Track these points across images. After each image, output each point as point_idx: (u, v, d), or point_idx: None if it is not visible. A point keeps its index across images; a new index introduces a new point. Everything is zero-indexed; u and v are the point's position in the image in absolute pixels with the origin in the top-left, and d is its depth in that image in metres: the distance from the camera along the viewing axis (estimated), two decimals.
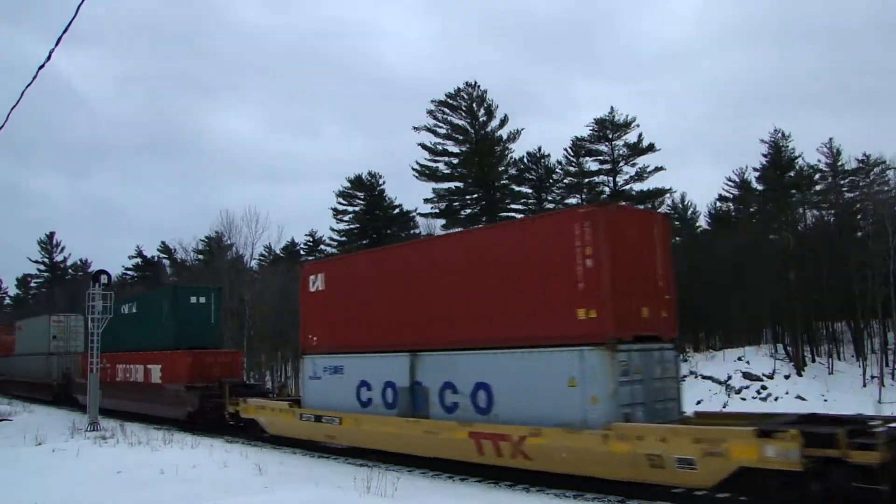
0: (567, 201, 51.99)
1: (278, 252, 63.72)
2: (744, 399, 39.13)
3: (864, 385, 37.32)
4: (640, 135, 48.21)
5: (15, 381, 40.15)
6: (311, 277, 17.26)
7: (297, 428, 17.11)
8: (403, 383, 14.23)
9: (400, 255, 16.14)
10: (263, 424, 18.56)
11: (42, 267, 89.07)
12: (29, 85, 8.82)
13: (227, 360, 23.72)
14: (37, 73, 8.36)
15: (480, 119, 49.77)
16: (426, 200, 50.75)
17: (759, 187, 54.73)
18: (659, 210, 50.99)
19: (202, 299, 24.54)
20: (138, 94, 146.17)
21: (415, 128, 50.28)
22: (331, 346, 16.42)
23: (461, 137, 49.99)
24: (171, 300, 24.20)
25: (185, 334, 23.73)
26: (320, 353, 16.71)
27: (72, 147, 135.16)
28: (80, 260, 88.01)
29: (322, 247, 64.45)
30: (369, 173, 57.33)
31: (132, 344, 26.70)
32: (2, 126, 10.27)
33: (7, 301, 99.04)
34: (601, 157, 49.96)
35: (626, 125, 48.28)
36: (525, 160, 51.67)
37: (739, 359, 41.93)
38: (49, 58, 7.95)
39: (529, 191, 52.26)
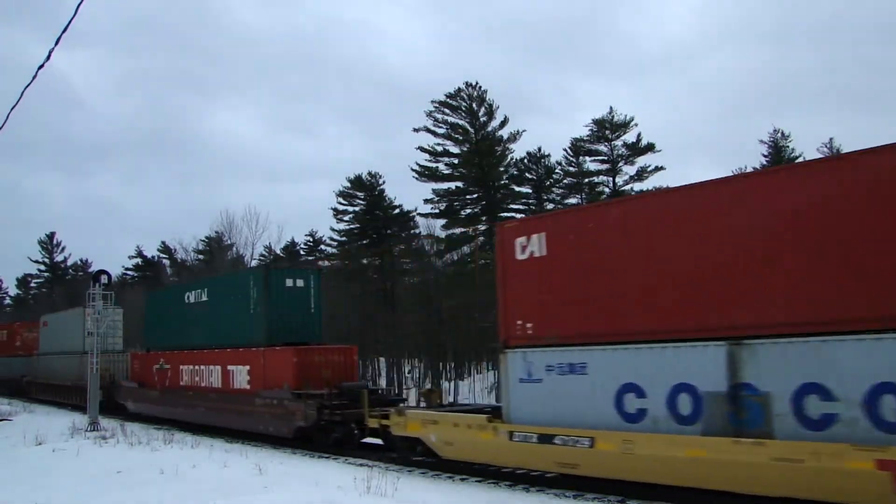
0: (567, 201, 52.04)
1: (278, 252, 63.76)
2: None
3: None
4: (639, 134, 48.25)
5: (38, 383, 36.35)
6: (520, 240, 12.27)
7: (500, 450, 12.12)
8: (714, 386, 9.52)
9: (708, 197, 10.35)
10: (434, 445, 13.57)
11: (42, 267, 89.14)
12: (28, 85, 8.84)
13: (339, 360, 18.46)
14: (36, 72, 8.38)
15: (481, 119, 49.81)
16: (426, 201, 50.80)
17: None
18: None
19: (300, 282, 19.64)
20: (137, 93, 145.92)
21: (415, 129, 50.31)
22: (561, 335, 11.55)
23: (461, 137, 50.03)
24: (261, 284, 19.18)
25: (282, 327, 18.99)
26: (539, 345, 11.78)
27: (71, 147, 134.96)
28: (80, 260, 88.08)
29: (322, 247, 64.54)
30: (369, 173, 57.39)
31: (202, 340, 21.99)
32: (1, 126, 10.28)
33: (7, 301, 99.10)
34: (601, 157, 50.02)
35: (625, 125, 48.32)
36: (525, 160, 51.74)
37: None
38: (49, 58, 7.97)
39: (529, 191, 52.31)
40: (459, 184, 49.74)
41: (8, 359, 43.07)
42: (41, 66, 8.18)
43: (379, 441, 16.39)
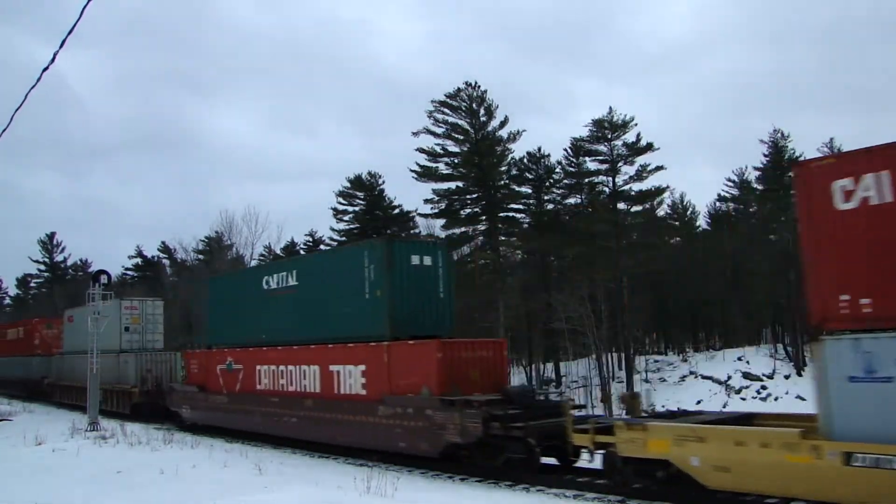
0: (567, 201, 52.05)
1: (278, 252, 63.77)
2: (744, 399, 39.31)
3: None
4: (638, 134, 48.25)
5: (63, 385, 32.37)
6: (841, 183, 9.04)
7: (824, 479, 8.75)
8: None
9: None
10: (695, 471, 10.06)
11: (42, 267, 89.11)
12: (33, 87, 8.82)
13: (488, 356, 14.80)
14: (41, 75, 8.35)
15: (481, 119, 49.80)
16: (426, 201, 50.82)
17: (760, 187, 54.86)
18: (658, 210, 51.12)
19: (427, 259, 15.81)
20: (135, 93, 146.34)
21: (414, 133, 50.32)
22: None
23: (461, 137, 50.04)
24: (382, 261, 15.31)
25: (407, 316, 15.16)
26: (883, 328, 8.62)
27: (69, 147, 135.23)
28: (80, 260, 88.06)
29: (322, 247, 64.52)
30: (369, 173, 57.44)
31: (289, 334, 18.13)
32: (5, 129, 10.29)
33: (7, 301, 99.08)
34: (600, 157, 50.05)
35: (625, 125, 48.31)
36: (525, 160, 51.75)
37: (739, 359, 42.07)
38: (53, 60, 7.95)
39: (529, 191, 52.33)
40: (459, 184, 49.75)
41: (25, 358, 39.20)
42: (46, 69, 8.16)
43: (552, 460, 13.26)
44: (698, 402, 36.05)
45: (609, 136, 48.35)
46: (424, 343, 14.39)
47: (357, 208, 57.66)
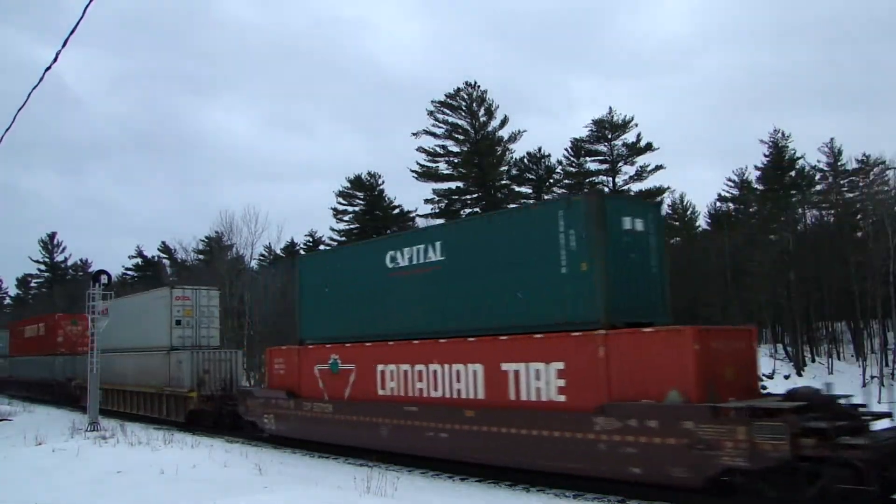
0: None
1: (278, 252, 63.80)
2: None
3: (864, 385, 37.35)
4: (638, 134, 48.32)
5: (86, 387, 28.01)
6: None
7: None
8: None
9: None
10: None
11: (42, 267, 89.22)
12: (35, 87, 8.84)
13: (741, 348, 11.37)
14: (43, 75, 8.38)
15: (481, 119, 49.83)
16: (426, 201, 50.85)
17: (760, 187, 54.89)
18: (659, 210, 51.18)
19: (638, 224, 12.30)
20: (133, 92, 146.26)
21: (413, 134, 50.40)
22: None
23: (461, 137, 50.06)
24: (586, 223, 11.66)
25: (624, 296, 11.65)
26: None
27: (68, 146, 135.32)
28: (81, 260, 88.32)
29: (322, 247, 64.58)
30: (369, 173, 57.56)
31: (430, 323, 14.30)
32: (8, 129, 10.31)
33: (7, 301, 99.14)
34: (601, 157, 50.08)
35: (625, 125, 48.37)
36: (525, 160, 51.80)
37: None
38: (56, 60, 7.97)
39: (529, 191, 52.36)
40: (459, 184, 49.79)
41: (47, 358, 35.58)
42: (48, 69, 8.18)
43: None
44: None
45: (609, 137, 48.42)
46: (674, 331, 10.65)
47: (357, 208, 57.73)
